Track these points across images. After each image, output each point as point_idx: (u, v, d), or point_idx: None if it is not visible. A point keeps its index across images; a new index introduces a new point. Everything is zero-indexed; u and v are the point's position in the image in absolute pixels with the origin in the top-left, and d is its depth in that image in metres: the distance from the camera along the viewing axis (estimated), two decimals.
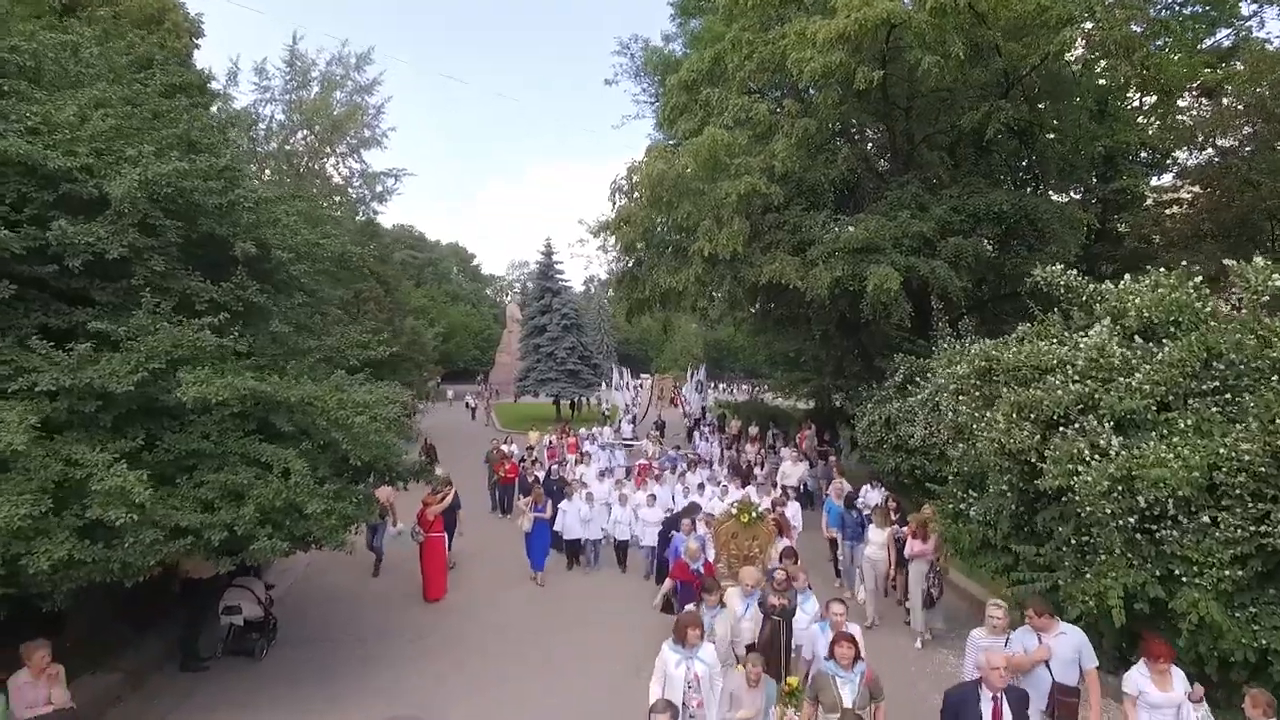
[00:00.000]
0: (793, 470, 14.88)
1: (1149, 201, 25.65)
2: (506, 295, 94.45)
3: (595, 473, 13.74)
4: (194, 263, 7.49)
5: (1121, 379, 6.35)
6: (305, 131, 28.26)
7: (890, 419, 15.10)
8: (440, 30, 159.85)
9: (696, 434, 21.55)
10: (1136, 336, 6.81)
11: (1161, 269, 7.24)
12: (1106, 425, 6.19)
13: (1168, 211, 24.41)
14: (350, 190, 32.79)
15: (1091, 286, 7.73)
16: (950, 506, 9.02)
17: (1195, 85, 22.18)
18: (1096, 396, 6.42)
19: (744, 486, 12.78)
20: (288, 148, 27.91)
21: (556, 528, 11.90)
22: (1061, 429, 6.49)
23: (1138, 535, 6.14)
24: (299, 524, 6.41)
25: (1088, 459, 6.15)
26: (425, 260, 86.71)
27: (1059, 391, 6.54)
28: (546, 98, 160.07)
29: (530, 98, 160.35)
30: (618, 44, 38.75)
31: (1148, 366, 6.34)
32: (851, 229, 15.12)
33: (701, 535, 9.29)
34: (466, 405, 44.34)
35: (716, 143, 15.95)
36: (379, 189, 33.40)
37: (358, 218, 31.92)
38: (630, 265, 18.24)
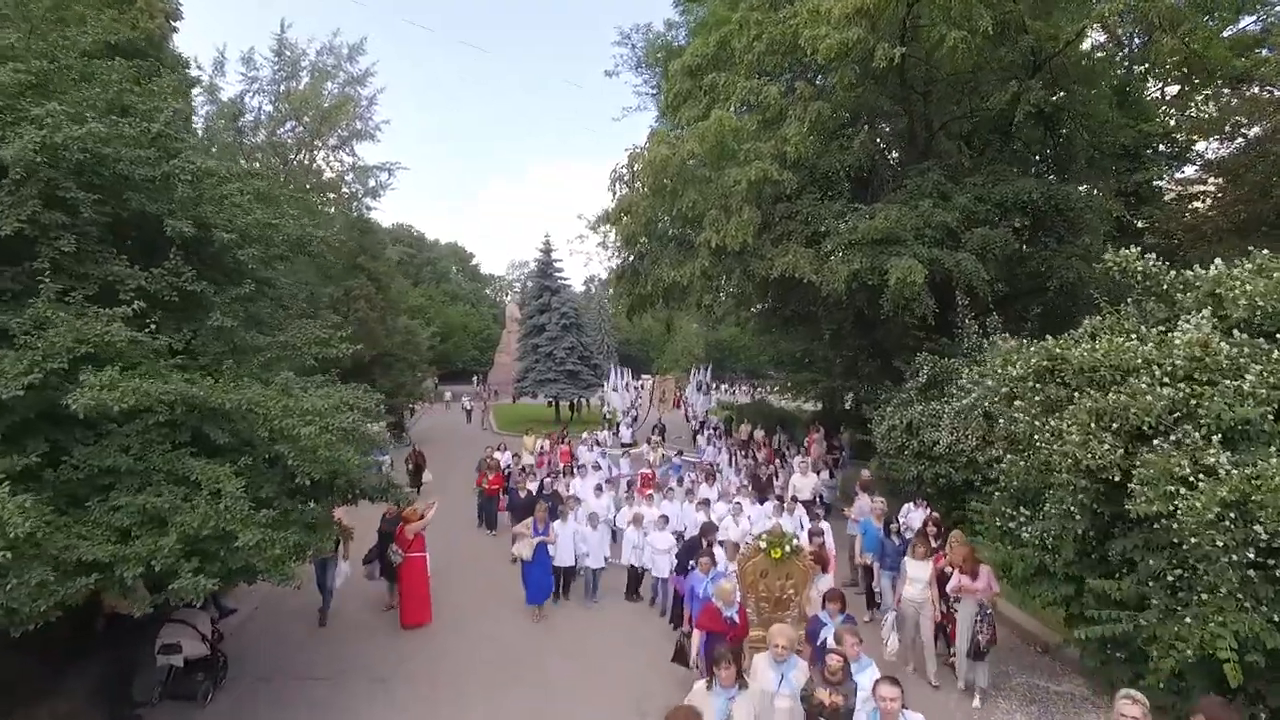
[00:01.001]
0: (805, 482, 13.55)
1: (1171, 195, 24.65)
2: (506, 295, 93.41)
3: (593, 485, 12.25)
4: (124, 245, 6.40)
5: (1228, 381, 5.23)
6: (294, 122, 27.15)
7: (912, 424, 14.00)
8: (440, 31, 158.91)
9: (701, 438, 20.36)
10: (1235, 330, 5.70)
11: (1265, 250, 6.13)
12: (1212, 438, 5.07)
13: (1196, 205, 23.45)
14: (344, 186, 31.78)
15: (1173, 273, 6.61)
16: (997, 525, 7.89)
17: (1220, 73, 21.19)
18: (1195, 402, 5.31)
19: (762, 502, 11.52)
20: (274, 139, 26.82)
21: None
22: (1154, 442, 5.38)
23: (1251, 572, 5.03)
24: (233, 555, 5.31)
25: (1190, 479, 5.04)
26: (424, 260, 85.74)
27: (1148, 397, 5.42)
28: (547, 97, 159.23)
29: (531, 97, 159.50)
30: (618, 34, 37.61)
31: (1258, 366, 5.23)
32: (870, 219, 14.02)
33: (728, 570, 7.69)
34: (464, 408, 43.08)
35: (724, 127, 14.89)
36: (372, 183, 32.40)
37: (350, 214, 30.91)
38: (631, 259, 17.15)
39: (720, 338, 77.72)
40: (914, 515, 11.00)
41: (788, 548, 6.99)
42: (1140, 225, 21.95)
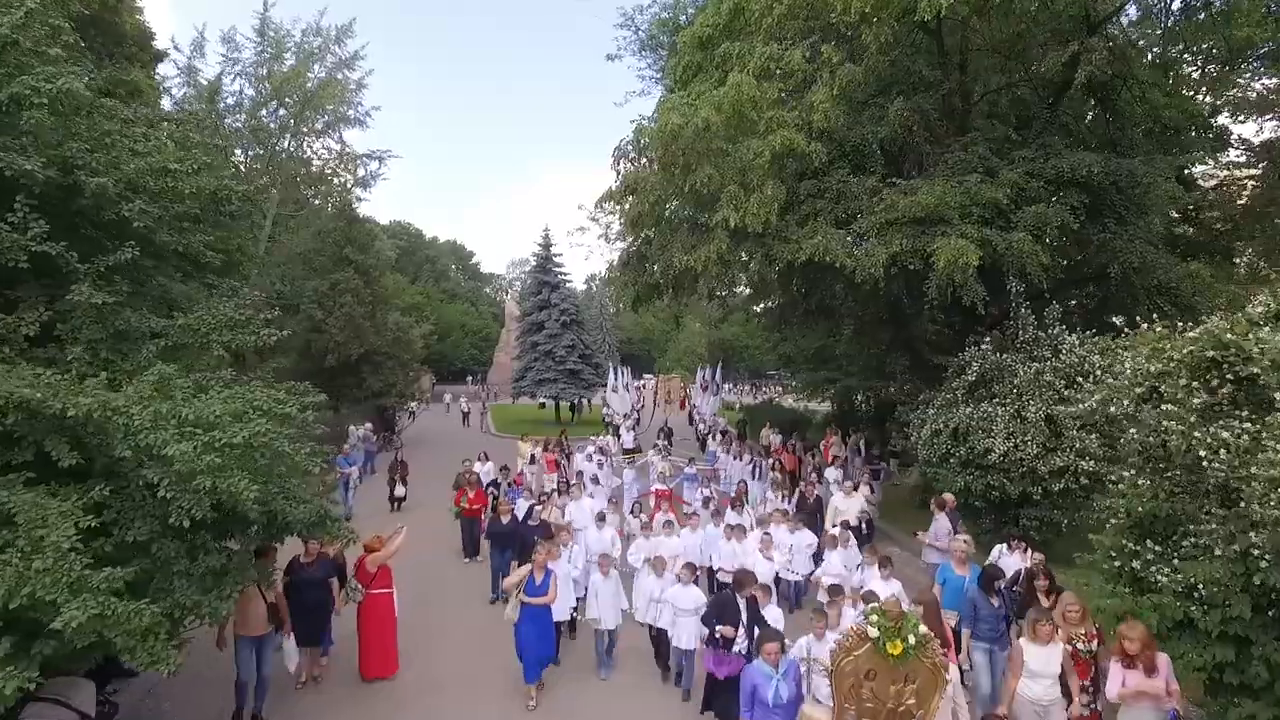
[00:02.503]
0: (849, 504, 11.10)
1: (1211, 182, 23.00)
2: (506, 294, 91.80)
3: (595, 512, 9.63)
4: None
5: None
6: (276, 104, 25.43)
7: (958, 428, 12.27)
8: (441, 29, 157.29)
9: (713, 442, 18.52)
10: None
11: None
12: None
13: (1242, 189, 21.83)
14: (331, 175, 30.08)
15: None
16: (1114, 564, 6.15)
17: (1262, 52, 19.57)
18: None
19: (810, 529, 9.58)
20: (255, 123, 25.12)
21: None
22: None
23: None
24: (56, 637, 3.58)
25: None
26: (422, 257, 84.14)
27: None
28: (547, 96, 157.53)
29: (531, 96, 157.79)
30: (620, 16, 35.83)
31: None
32: (911, 196, 12.29)
33: (796, 661, 5.30)
34: (460, 410, 41.08)
35: (742, 95, 13.14)
36: (361, 173, 30.71)
37: (335, 203, 29.21)
38: (637, 244, 15.38)
39: (723, 336, 76.05)
40: (1008, 561, 8.20)
41: (911, 638, 4.56)
42: (1173, 214, 20.24)
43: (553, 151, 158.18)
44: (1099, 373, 11.39)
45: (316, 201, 31.00)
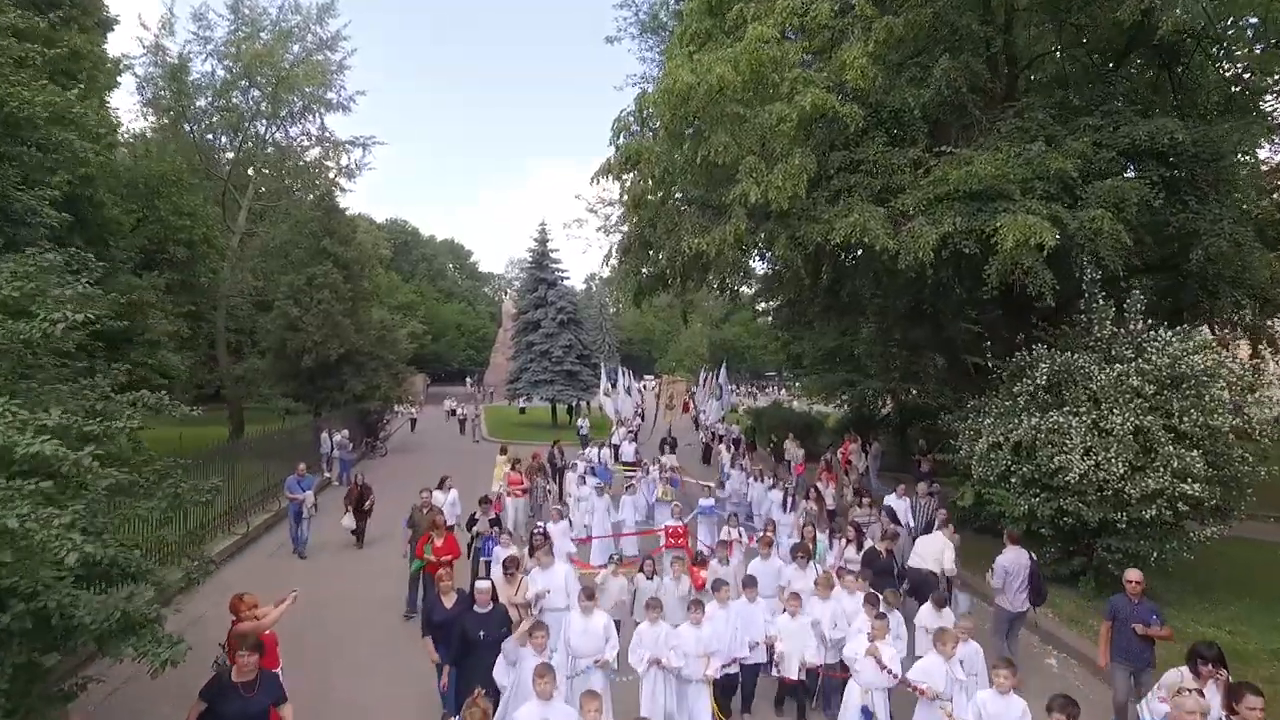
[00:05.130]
0: (931, 547, 8.55)
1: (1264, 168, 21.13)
2: (504, 293, 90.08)
3: (584, 601, 6.01)
4: None
5: None
6: (246, 83, 23.50)
7: (1021, 442, 10.35)
8: (444, 30, 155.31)
9: (724, 459, 16.42)
10: None
11: None
12: None
13: None
14: (313, 163, 28.15)
15: None
16: None
17: None
18: None
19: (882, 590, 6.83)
20: (222, 102, 23.19)
21: None
22: None
23: None
24: None
25: None
26: (418, 255, 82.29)
27: None
28: (548, 95, 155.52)
29: (532, 95, 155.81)
30: None
31: None
32: (966, 166, 10.38)
33: None
34: (456, 415, 37.23)
35: (763, 52, 11.25)
36: (346, 161, 28.79)
37: (316, 192, 27.25)
38: (639, 227, 13.41)
39: (724, 336, 73.94)
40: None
41: None
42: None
43: (553, 151, 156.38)
44: (1203, 376, 9.55)
45: (299, 191, 29.05)
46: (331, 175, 28.74)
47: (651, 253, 13.29)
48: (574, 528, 9.92)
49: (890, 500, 10.96)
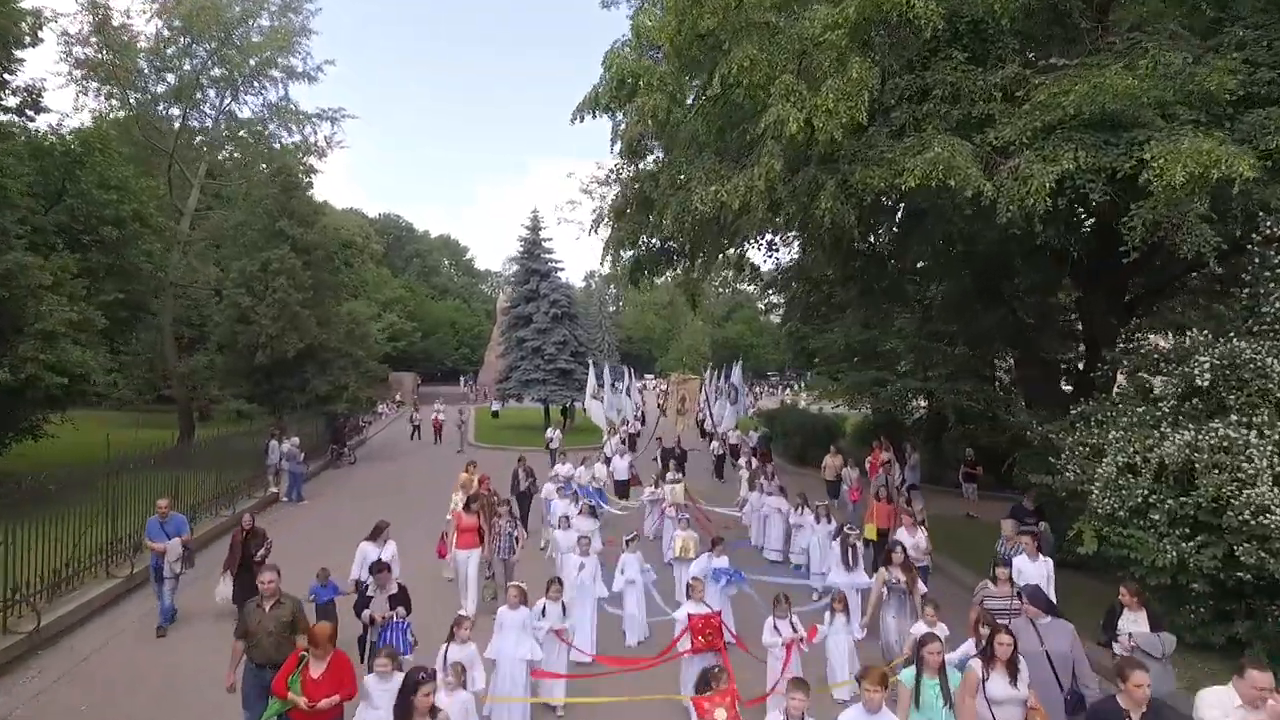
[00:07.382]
0: (1064, 638, 4.91)
1: None
2: (501, 291, 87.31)
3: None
4: None
5: None
6: (187, 39, 20.51)
7: (1166, 463, 7.42)
8: (442, 28, 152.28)
9: (742, 471, 13.37)
10: None
11: None
12: None
13: None
14: (270, 135, 25.08)
15: None
16: None
17: None
18: None
19: None
20: (158, 63, 20.22)
21: None
22: None
23: None
24: None
25: None
26: (411, 250, 79.57)
27: None
28: (549, 94, 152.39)
29: (533, 94, 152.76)
30: None
31: None
32: (1088, 83, 7.44)
33: None
34: (416, 424, 30.17)
35: None
36: (313, 137, 25.77)
37: (271, 168, 24.20)
38: (638, 184, 10.44)
39: (727, 335, 70.96)
40: None
41: None
42: None
43: (554, 150, 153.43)
44: None
45: (265, 168, 25.94)
46: (300, 156, 25.72)
47: (652, 217, 10.32)
48: (567, 614, 6.54)
49: (1022, 563, 7.06)
